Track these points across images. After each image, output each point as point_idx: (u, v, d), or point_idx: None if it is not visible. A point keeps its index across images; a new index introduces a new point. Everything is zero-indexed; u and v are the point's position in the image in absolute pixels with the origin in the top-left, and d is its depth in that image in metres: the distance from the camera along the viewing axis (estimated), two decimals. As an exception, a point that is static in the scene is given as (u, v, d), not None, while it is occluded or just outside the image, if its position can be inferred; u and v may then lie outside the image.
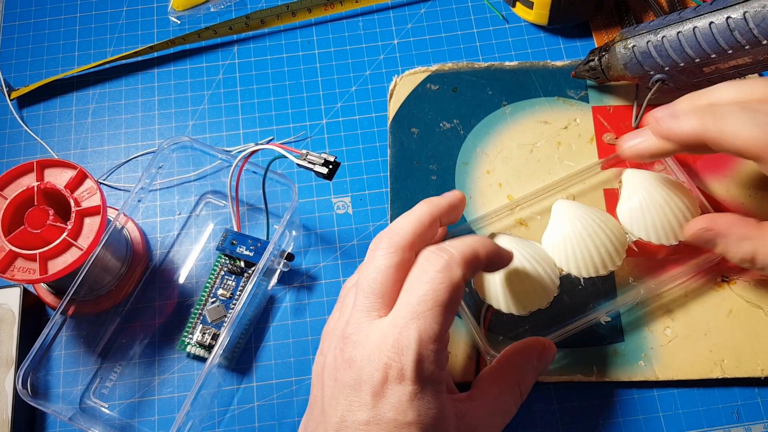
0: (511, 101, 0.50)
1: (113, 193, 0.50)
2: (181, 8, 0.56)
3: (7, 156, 0.51)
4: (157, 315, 0.46)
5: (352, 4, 0.55)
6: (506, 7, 0.55)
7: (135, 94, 0.53)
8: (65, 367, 0.44)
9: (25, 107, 0.53)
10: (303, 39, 0.54)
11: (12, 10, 0.56)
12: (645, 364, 0.43)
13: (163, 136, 0.51)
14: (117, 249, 0.45)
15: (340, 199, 0.49)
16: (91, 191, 0.42)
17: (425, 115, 0.50)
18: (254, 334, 0.45)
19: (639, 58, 0.44)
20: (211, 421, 0.43)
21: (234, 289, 0.46)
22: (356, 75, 0.53)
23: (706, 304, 0.44)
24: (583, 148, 0.48)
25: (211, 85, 0.53)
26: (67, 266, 0.40)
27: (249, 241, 0.44)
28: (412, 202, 0.47)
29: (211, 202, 0.49)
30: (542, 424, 0.43)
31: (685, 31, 0.42)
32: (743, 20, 0.39)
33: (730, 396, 0.43)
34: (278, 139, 0.51)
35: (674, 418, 0.42)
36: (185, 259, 0.47)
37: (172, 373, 0.44)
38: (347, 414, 0.32)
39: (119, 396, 0.44)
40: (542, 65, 0.51)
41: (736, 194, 0.46)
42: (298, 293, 0.46)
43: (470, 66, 0.52)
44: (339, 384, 0.33)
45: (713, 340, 0.43)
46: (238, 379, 0.44)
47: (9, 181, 0.42)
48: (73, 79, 0.53)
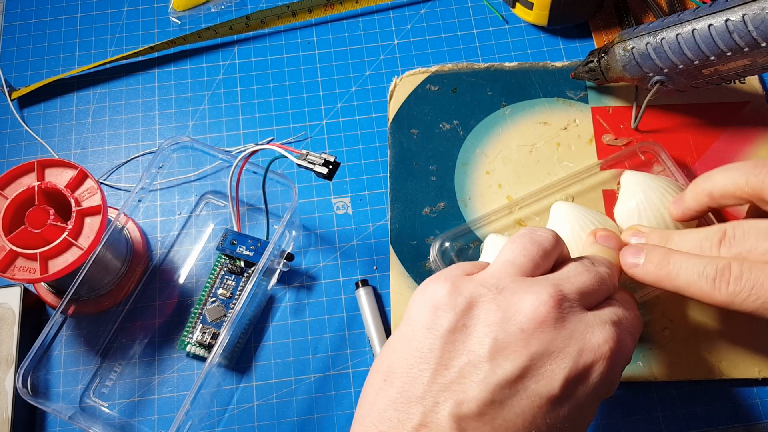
0: (511, 102, 0.50)
1: (114, 193, 0.50)
2: (181, 8, 0.56)
3: (8, 156, 0.51)
4: (157, 314, 0.46)
5: (353, 5, 0.55)
6: (506, 8, 0.55)
7: (135, 94, 0.53)
8: (65, 367, 0.45)
9: (26, 107, 0.53)
10: (303, 39, 0.55)
11: (13, 11, 0.56)
12: (644, 365, 0.43)
13: (163, 136, 0.52)
14: (117, 249, 0.45)
15: (340, 199, 0.49)
16: (91, 191, 0.42)
17: (425, 116, 0.50)
18: (254, 333, 0.45)
19: (638, 59, 0.44)
20: (211, 421, 0.43)
21: (234, 289, 0.46)
22: (356, 75, 0.53)
23: (705, 305, 0.44)
24: (583, 149, 0.49)
25: (212, 85, 0.53)
26: (68, 266, 0.40)
27: (249, 241, 0.45)
28: (412, 203, 0.47)
29: (212, 202, 0.49)
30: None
31: (684, 33, 0.42)
32: (742, 23, 0.39)
33: (729, 397, 0.43)
34: (278, 139, 0.51)
35: (673, 419, 0.42)
36: (185, 259, 0.47)
37: (172, 372, 0.44)
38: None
39: (119, 395, 0.44)
40: (542, 66, 0.51)
41: (735, 195, 0.47)
42: (298, 293, 0.46)
43: (470, 67, 0.52)
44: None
45: (712, 342, 0.43)
46: (238, 378, 0.44)
47: (10, 181, 0.42)
48: (74, 79, 0.53)
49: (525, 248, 0.34)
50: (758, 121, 0.49)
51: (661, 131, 0.49)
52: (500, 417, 0.29)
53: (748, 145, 0.48)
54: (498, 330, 0.30)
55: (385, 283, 0.46)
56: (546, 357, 0.30)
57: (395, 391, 0.31)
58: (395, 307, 0.45)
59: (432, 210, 0.47)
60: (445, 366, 0.30)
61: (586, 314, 0.32)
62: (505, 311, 0.31)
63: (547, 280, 0.32)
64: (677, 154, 0.48)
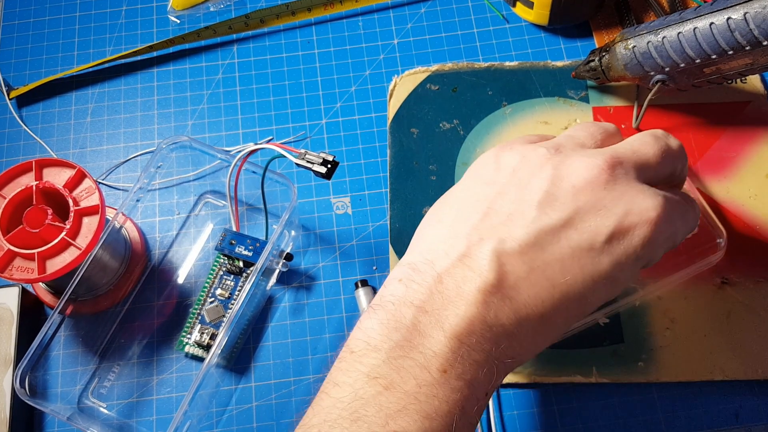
0: (512, 101, 0.50)
1: (112, 192, 0.50)
2: (180, 8, 0.55)
3: (6, 155, 0.51)
4: (155, 315, 0.46)
5: (352, 4, 0.55)
6: (506, 7, 0.55)
7: (134, 94, 0.53)
8: (63, 367, 0.44)
9: (24, 106, 0.53)
10: (303, 39, 0.54)
11: (11, 10, 0.56)
12: (644, 366, 0.43)
13: (162, 135, 0.51)
14: (115, 249, 0.45)
15: (340, 199, 0.49)
16: (89, 191, 0.42)
17: (425, 116, 0.50)
18: (253, 334, 0.45)
19: (639, 58, 0.44)
20: (209, 421, 0.43)
21: (232, 289, 0.46)
22: (356, 75, 0.53)
23: (706, 306, 0.44)
24: (583, 149, 0.48)
25: (211, 84, 0.53)
26: (66, 266, 0.40)
27: (248, 241, 0.44)
28: (412, 203, 0.47)
29: (210, 201, 0.49)
30: (542, 426, 0.42)
31: (685, 32, 0.42)
32: (744, 21, 0.39)
33: (730, 398, 0.43)
34: (277, 139, 0.51)
35: (674, 420, 0.42)
36: (184, 259, 0.47)
37: (171, 373, 0.44)
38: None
39: (117, 396, 0.44)
40: (542, 65, 0.51)
41: (736, 195, 0.46)
42: (297, 293, 0.46)
43: (470, 66, 0.51)
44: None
45: (713, 342, 0.43)
46: (236, 379, 0.44)
47: (8, 181, 0.42)
48: (72, 78, 0.53)
49: (586, 127, 0.36)
50: (760, 121, 0.49)
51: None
52: (539, 259, 0.31)
53: (750, 145, 0.48)
54: (550, 184, 0.32)
55: (385, 284, 0.46)
56: (592, 212, 0.32)
57: (445, 229, 0.33)
58: (395, 307, 0.45)
59: (432, 210, 0.47)
60: (495, 211, 0.32)
61: (640, 183, 0.33)
62: (559, 169, 0.33)
63: (606, 149, 0.34)
64: (678, 154, 0.48)
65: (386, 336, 0.30)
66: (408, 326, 0.30)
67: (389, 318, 0.30)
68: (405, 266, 0.32)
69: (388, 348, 0.29)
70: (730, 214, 0.46)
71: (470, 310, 0.30)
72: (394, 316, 0.30)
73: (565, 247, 0.31)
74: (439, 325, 0.30)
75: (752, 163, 0.47)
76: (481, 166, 0.35)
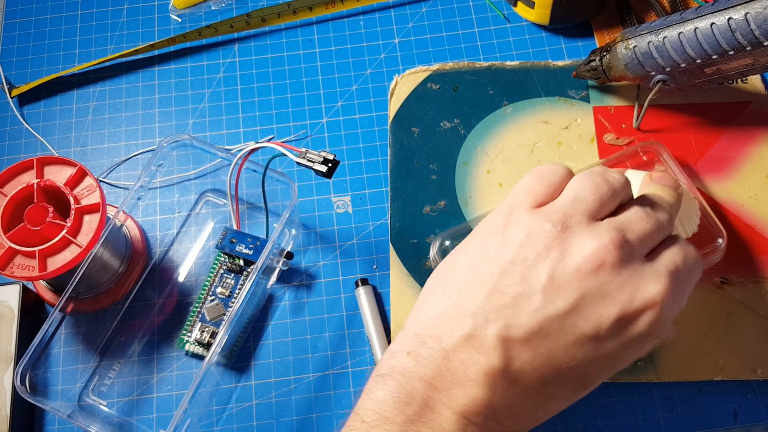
0: (512, 101, 0.50)
1: (113, 190, 0.50)
2: (182, 6, 0.56)
3: (8, 153, 0.51)
4: (156, 313, 0.46)
5: (354, 3, 0.55)
6: (507, 7, 0.55)
7: (135, 92, 0.53)
8: (64, 365, 0.44)
9: (26, 105, 0.53)
10: (304, 37, 0.54)
11: (13, 8, 0.56)
12: (644, 366, 0.43)
13: (163, 134, 0.51)
14: (116, 247, 0.45)
15: (340, 198, 0.49)
16: (90, 189, 0.42)
17: (426, 115, 0.50)
18: (253, 332, 0.45)
19: (640, 58, 0.44)
20: (209, 419, 0.43)
21: (233, 288, 0.46)
22: (357, 74, 0.53)
23: (705, 306, 0.44)
24: (584, 149, 0.48)
25: (212, 83, 0.53)
26: (67, 263, 0.40)
27: (248, 240, 0.44)
28: (412, 202, 0.47)
29: (211, 200, 0.49)
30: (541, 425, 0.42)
31: (686, 32, 0.42)
32: (744, 21, 0.39)
33: (729, 398, 0.43)
34: (279, 137, 0.51)
35: (673, 420, 0.42)
36: (184, 258, 0.47)
37: (171, 371, 0.44)
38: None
39: (118, 393, 0.44)
40: (543, 65, 0.51)
41: (737, 196, 0.46)
42: (297, 292, 0.46)
43: (471, 65, 0.51)
44: None
45: (712, 342, 0.43)
46: (237, 377, 0.44)
47: (9, 178, 0.42)
48: (74, 76, 0.53)
49: (596, 187, 0.34)
50: (760, 121, 0.49)
51: (663, 131, 0.49)
52: (544, 346, 0.31)
53: (750, 145, 0.48)
54: (556, 267, 0.32)
55: (385, 282, 0.46)
56: (597, 298, 0.31)
57: (451, 303, 0.33)
58: (395, 306, 0.45)
59: (432, 209, 0.47)
60: (501, 291, 0.32)
61: (643, 264, 0.33)
62: (566, 250, 0.32)
63: (610, 224, 0.33)
64: (679, 154, 0.48)
65: (398, 410, 0.31)
66: (419, 402, 0.31)
67: (400, 391, 0.31)
68: (412, 338, 0.33)
69: (401, 422, 0.31)
70: (730, 214, 0.46)
71: (478, 393, 0.31)
72: (405, 389, 0.31)
73: (569, 335, 0.31)
74: (448, 403, 0.31)
75: (752, 163, 0.47)
76: (487, 235, 0.35)
